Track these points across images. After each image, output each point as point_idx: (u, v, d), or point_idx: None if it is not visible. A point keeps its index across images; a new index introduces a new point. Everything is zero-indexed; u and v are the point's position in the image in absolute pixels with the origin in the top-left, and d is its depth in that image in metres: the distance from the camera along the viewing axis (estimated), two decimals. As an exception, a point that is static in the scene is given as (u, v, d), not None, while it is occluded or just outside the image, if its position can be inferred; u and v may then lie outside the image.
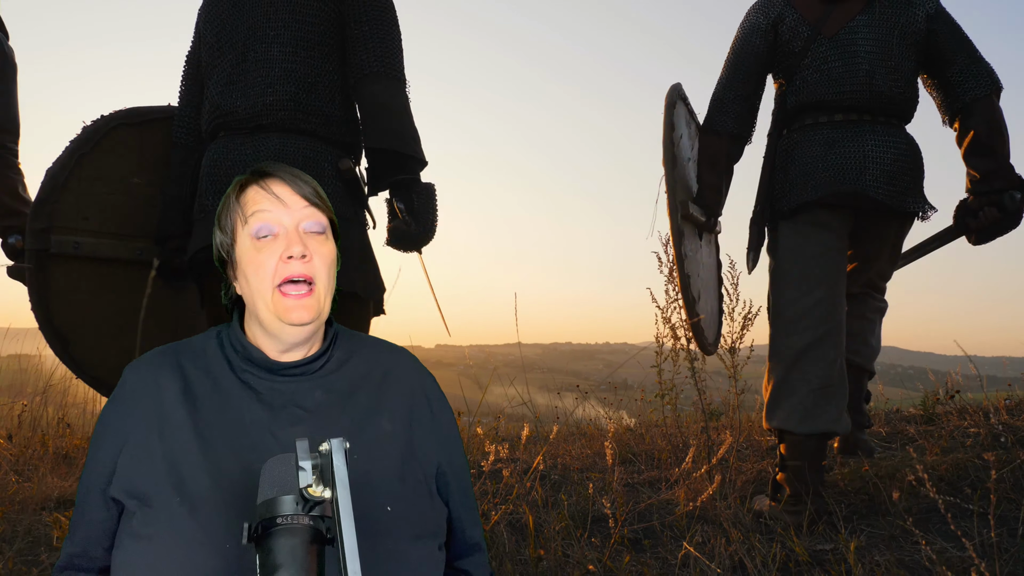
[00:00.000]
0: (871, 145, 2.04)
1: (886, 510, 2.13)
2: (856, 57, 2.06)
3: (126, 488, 0.83)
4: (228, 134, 1.76)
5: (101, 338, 2.00)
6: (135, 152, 2.04)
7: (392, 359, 1.00)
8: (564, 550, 1.91)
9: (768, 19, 2.17)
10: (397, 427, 0.93)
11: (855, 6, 2.08)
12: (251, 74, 1.74)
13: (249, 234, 0.88)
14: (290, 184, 0.90)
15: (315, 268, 0.88)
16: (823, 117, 2.10)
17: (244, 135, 1.74)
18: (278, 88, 1.72)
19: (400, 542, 0.84)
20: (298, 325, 0.87)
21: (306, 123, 1.74)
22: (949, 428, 2.91)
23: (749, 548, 1.88)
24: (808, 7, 2.11)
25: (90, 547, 0.86)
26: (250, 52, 1.74)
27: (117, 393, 0.91)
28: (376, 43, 1.76)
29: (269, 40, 1.74)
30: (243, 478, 0.81)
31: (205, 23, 1.87)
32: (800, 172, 2.10)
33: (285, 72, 1.73)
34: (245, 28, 1.76)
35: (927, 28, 2.08)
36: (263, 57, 1.73)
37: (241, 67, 1.75)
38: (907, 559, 1.82)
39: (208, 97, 1.81)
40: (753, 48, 2.18)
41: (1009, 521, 1.97)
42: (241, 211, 0.90)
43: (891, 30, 2.06)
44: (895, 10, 2.08)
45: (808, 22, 2.11)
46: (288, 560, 0.60)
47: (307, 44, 1.75)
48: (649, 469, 2.67)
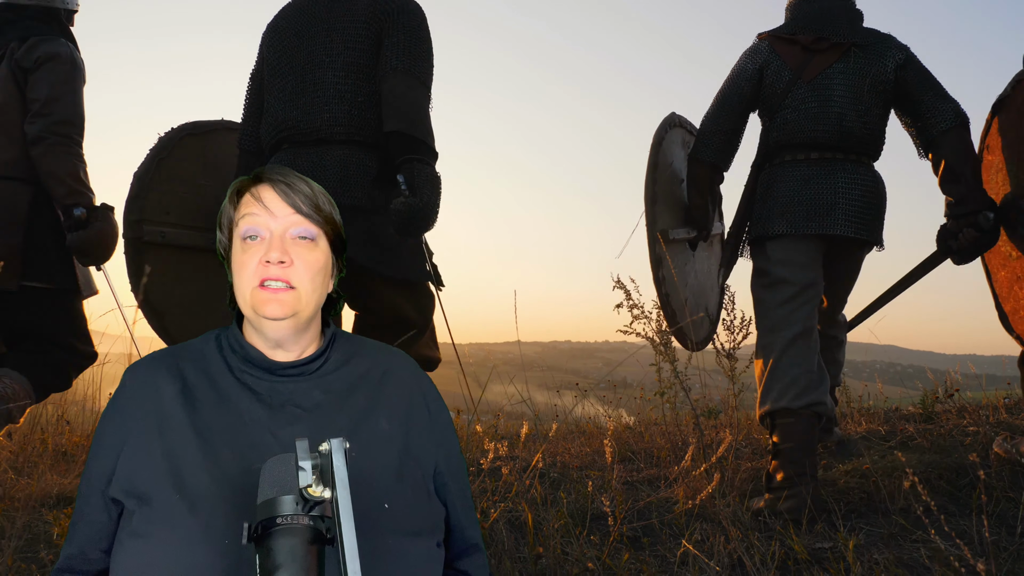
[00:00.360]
0: (842, 183, 2.28)
1: (885, 508, 2.13)
2: (830, 100, 2.29)
3: (126, 488, 0.83)
4: (292, 146, 2.03)
5: (191, 316, 2.34)
6: (200, 158, 2.42)
7: (390, 361, 1.01)
8: (563, 548, 1.91)
9: (756, 64, 2.40)
10: (395, 427, 0.94)
11: (832, 56, 2.32)
12: (309, 94, 2.00)
13: (239, 235, 0.91)
14: (281, 193, 0.91)
15: (295, 273, 0.89)
16: (800, 155, 2.33)
17: (309, 147, 2.00)
18: (333, 107, 1.98)
19: (398, 539, 0.85)
20: (271, 319, 0.88)
21: (360, 135, 2.00)
22: (948, 427, 2.91)
23: (748, 546, 1.88)
24: (791, 55, 2.36)
25: (88, 549, 0.86)
26: (308, 75, 2.02)
27: (117, 395, 0.91)
28: (404, 48, 1.99)
29: (325, 66, 2.01)
30: (242, 477, 0.82)
31: (269, 47, 2.16)
32: (778, 206, 2.32)
33: (339, 93, 1.99)
34: (305, 55, 2.04)
35: (896, 77, 2.31)
36: (320, 80, 2.00)
37: (300, 88, 2.02)
38: (906, 557, 1.82)
39: (270, 112, 2.09)
40: (739, 90, 2.41)
41: (1008, 519, 1.98)
42: (235, 213, 0.92)
43: (863, 78, 2.30)
44: (868, 61, 2.31)
45: (790, 68, 2.34)
46: (288, 560, 0.60)
47: (356, 68, 2.01)
48: (648, 467, 2.67)
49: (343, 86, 1.99)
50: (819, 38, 2.33)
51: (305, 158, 1.98)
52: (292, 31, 2.09)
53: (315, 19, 2.07)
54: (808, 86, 2.30)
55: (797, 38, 2.36)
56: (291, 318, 0.89)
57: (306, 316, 0.92)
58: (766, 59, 2.39)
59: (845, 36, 2.33)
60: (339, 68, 2.00)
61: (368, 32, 2.01)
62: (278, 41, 2.12)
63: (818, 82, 2.30)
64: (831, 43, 2.33)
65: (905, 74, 2.31)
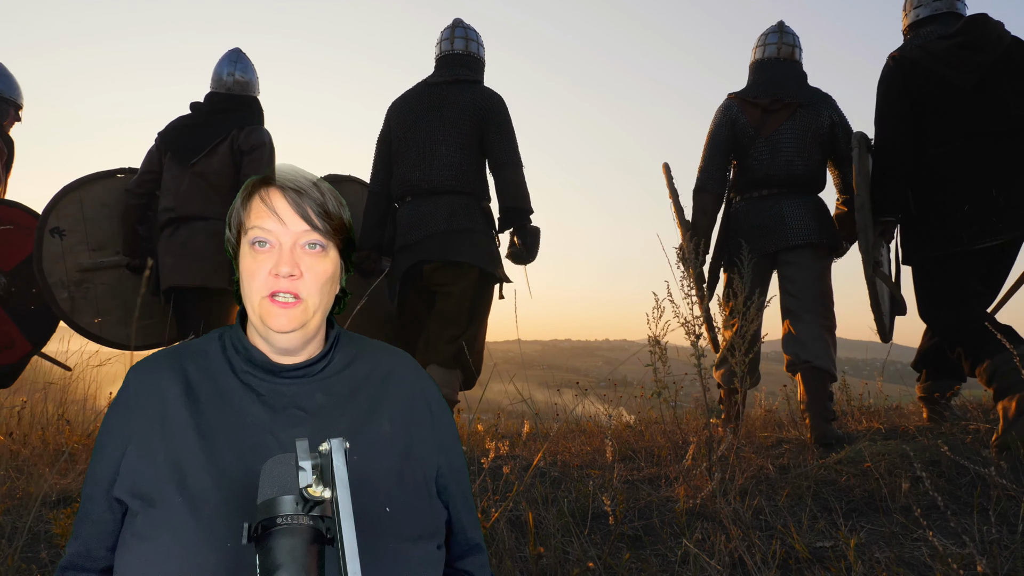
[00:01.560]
0: (787, 209, 3.03)
1: (886, 507, 2.13)
2: (781, 150, 3.04)
3: (129, 488, 0.84)
4: (415, 196, 2.95)
5: None
6: None
7: (392, 362, 1.01)
8: (564, 547, 1.91)
9: (728, 119, 3.16)
10: (396, 429, 0.94)
11: (783, 116, 3.06)
12: (427, 163, 2.92)
13: (248, 241, 0.90)
14: (292, 202, 0.89)
15: (304, 285, 0.88)
16: (757, 192, 3.10)
17: (426, 196, 2.92)
18: (444, 172, 2.91)
19: (399, 542, 0.85)
20: (279, 332, 0.88)
21: (460, 188, 2.92)
22: (949, 424, 2.91)
23: (749, 545, 1.88)
24: (752, 115, 3.10)
25: (93, 547, 0.86)
26: (427, 149, 2.93)
27: (120, 396, 0.91)
28: (503, 143, 2.94)
29: (438, 143, 2.93)
30: (245, 478, 0.82)
31: (396, 123, 3.05)
32: (745, 236, 3.07)
33: (448, 162, 2.91)
34: (424, 133, 2.95)
35: (831, 133, 3.08)
36: (435, 152, 2.92)
37: (421, 157, 2.94)
38: (907, 556, 1.82)
39: (399, 173, 3.00)
40: (722, 138, 3.17)
41: (1008, 518, 1.98)
42: (246, 218, 0.91)
43: (806, 132, 3.04)
44: (810, 118, 3.05)
45: (752, 126, 3.09)
46: (288, 560, 0.60)
47: (459, 144, 2.93)
48: (649, 466, 2.67)
49: (451, 157, 2.91)
50: (774, 99, 3.07)
51: (426, 203, 2.91)
52: (413, 114, 3.00)
53: (430, 107, 2.97)
54: (765, 140, 3.05)
55: (757, 101, 3.09)
56: (299, 330, 0.89)
57: (314, 326, 0.92)
58: (735, 116, 3.14)
59: (793, 97, 3.07)
60: (449, 144, 2.91)
61: (470, 119, 2.93)
62: (402, 120, 3.02)
63: (772, 137, 3.05)
64: (783, 103, 3.06)
65: (837, 131, 3.07)
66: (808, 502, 2.20)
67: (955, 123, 2.65)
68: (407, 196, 2.94)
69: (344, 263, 0.97)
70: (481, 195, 2.98)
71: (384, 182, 3.06)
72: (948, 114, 2.66)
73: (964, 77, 2.62)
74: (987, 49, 2.63)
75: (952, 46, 2.67)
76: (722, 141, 3.14)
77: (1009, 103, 2.59)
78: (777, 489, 2.33)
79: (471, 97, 2.94)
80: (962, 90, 2.63)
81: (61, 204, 3.05)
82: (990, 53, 2.63)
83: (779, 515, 2.13)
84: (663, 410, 3.28)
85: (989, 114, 2.60)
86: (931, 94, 2.68)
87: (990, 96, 2.61)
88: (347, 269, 0.99)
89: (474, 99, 2.94)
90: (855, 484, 2.30)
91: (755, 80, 3.19)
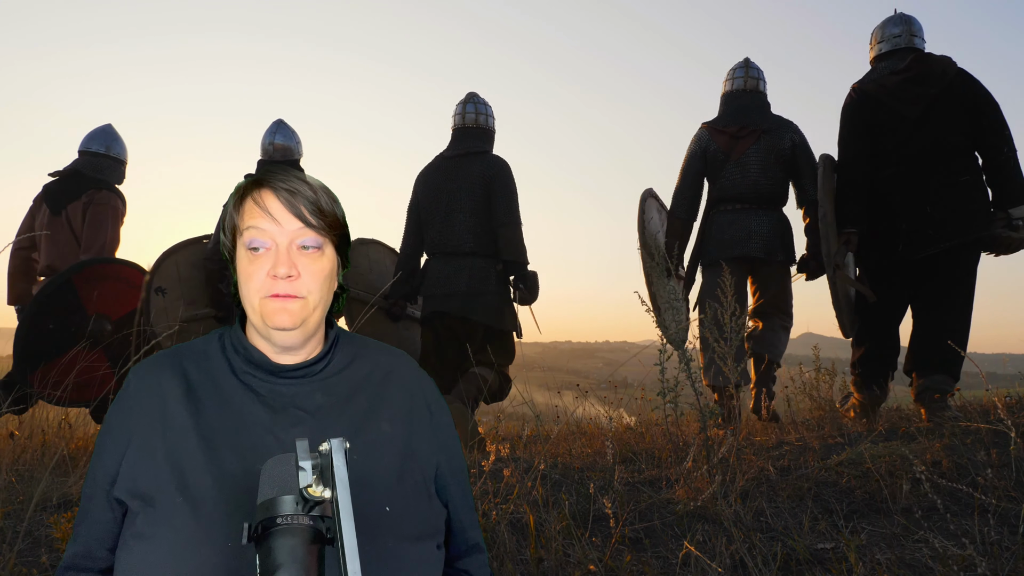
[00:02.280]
0: (754, 223, 3.49)
1: (887, 508, 2.13)
2: (749, 171, 3.53)
3: (130, 489, 0.84)
4: (441, 256, 3.54)
5: None
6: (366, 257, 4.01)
7: (391, 362, 1.01)
8: (565, 550, 1.91)
9: (701, 148, 3.67)
10: (396, 429, 0.94)
11: (749, 141, 3.54)
12: (449, 228, 3.52)
13: (243, 244, 0.90)
14: (285, 202, 0.89)
15: (303, 285, 0.89)
16: (728, 206, 3.57)
17: (451, 256, 3.52)
18: (465, 236, 3.49)
19: (399, 542, 0.85)
20: (281, 329, 0.88)
21: (479, 250, 3.50)
22: (949, 426, 2.90)
23: (750, 547, 1.88)
24: (722, 141, 3.59)
25: (93, 547, 0.86)
26: (449, 217, 3.51)
27: (121, 396, 0.91)
28: (505, 205, 3.47)
29: (458, 211, 3.51)
30: (245, 479, 0.82)
31: (422, 194, 3.62)
32: (715, 242, 3.55)
33: (466, 227, 3.49)
34: (445, 203, 3.53)
35: (791, 153, 3.54)
36: (455, 220, 3.50)
37: (444, 223, 3.53)
38: (908, 557, 1.82)
39: (428, 234, 3.58)
40: (695, 166, 3.68)
41: (1009, 519, 1.97)
42: (240, 221, 0.91)
43: (770, 154, 3.53)
44: (773, 141, 3.54)
45: (722, 150, 3.58)
46: (288, 560, 0.60)
47: (474, 210, 3.49)
48: (650, 468, 2.66)
49: (468, 222, 3.48)
50: (741, 127, 3.57)
51: (452, 262, 3.50)
52: (435, 186, 3.57)
53: (447, 178, 3.55)
54: (734, 163, 3.55)
55: (726, 130, 3.60)
56: (300, 327, 0.89)
57: (314, 323, 0.92)
58: (707, 144, 3.64)
59: (758, 124, 3.57)
60: (465, 211, 3.49)
61: (481, 187, 3.49)
62: (427, 191, 3.60)
63: (741, 159, 3.54)
64: (749, 130, 3.55)
65: (797, 151, 3.54)
66: (809, 504, 2.20)
67: (901, 148, 3.03)
68: (435, 254, 3.57)
69: (340, 259, 0.97)
70: (494, 255, 3.53)
71: (415, 245, 3.64)
72: (895, 140, 3.05)
73: (909, 108, 3.03)
74: (931, 83, 3.02)
75: (901, 81, 3.08)
76: (694, 171, 3.67)
77: (948, 131, 2.98)
78: (778, 491, 2.32)
79: (480, 168, 3.51)
80: (908, 119, 3.02)
81: (162, 267, 3.60)
82: (933, 87, 3.01)
83: (780, 517, 2.12)
84: (665, 411, 3.28)
85: (930, 140, 2.99)
86: (882, 122, 3.08)
87: (932, 125, 2.99)
88: (343, 265, 0.98)
89: (483, 169, 3.51)
90: (856, 485, 2.30)
91: (724, 110, 3.74)
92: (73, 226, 3.45)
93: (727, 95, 3.74)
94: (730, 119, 3.64)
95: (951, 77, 3.00)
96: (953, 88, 2.99)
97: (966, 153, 2.98)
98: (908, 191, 3.00)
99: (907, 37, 3.19)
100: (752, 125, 3.56)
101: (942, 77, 3.01)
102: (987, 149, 2.97)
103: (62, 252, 3.43)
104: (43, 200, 3.58)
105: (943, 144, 2.96)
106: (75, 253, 3.37)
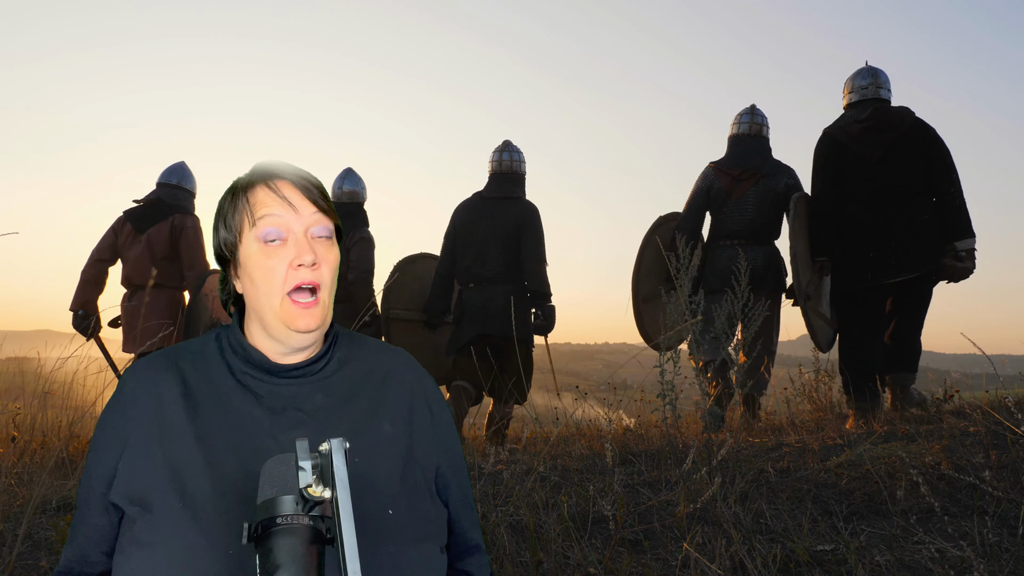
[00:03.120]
0: (750, 256, 3.73)
1: (887, 510, 2.13)
2: (746, 210, 3.92)
3: (126, 493, 0.82)
4: (476, 284, 3.92)
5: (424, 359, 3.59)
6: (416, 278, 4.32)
7: (391, 360, 1.00)
8: (564, 552, 1.91)
9: (707, 185, 4.06)
10: (397, 429, 0.93)
11: (749, 183, 3.93)
12: (484, 260, 3.92)
13: (257, 237, 0.87)
14: (300, 188, 0.88)
15: (322, 275, 0.88)
16: (727, 241, 3.97)
17: (486, 284, 3.90)
18: (497, 268, 3.89)
19: (401, 545, 0.84)
20: (303, 332, 0.87)
21: (508, 279, 3.89)
22: (948, 427, 2.91)
23: (750, 549, 1.88)
24: (725, 181, 3.98)
25: (89, 552, 0.85)
26: (483, 250, 3.92)
27: (116, 397, 0.90)
28: (532, 245, 3.89)
29: (491, 245, 3.90)
30: (244, 482, 0.80)
31: (460, 227, 4.02)
32: (714, 272, 3.95)
33: (499, 260, 3.90)
34: (480, 238, 3.94)
35: (786, 195, 3.87)
36: (489, 253, 3.91)
37: (480, 255, 3.92)
38: (908, 559, 1.82)
39: (463, 265, 3.96)
40: (700, 201, 4.08)
41: (1009, 521, 1.97)
42: (250, 212, 0.88)
43: (766, 196, 3.90)
44: (770, 185, 3.91)
45: (724, 190, 3.97)
46: (288, 560, 0.60)
47: (507, 246, 3.90)
48: (649, 470, 2.66)
49: (501, 256, 3.89)
50: (743, 170, 3.95)
51: (487, 290, 3.89)
52: (472, 222, 3.98)
53: (484, 217, 3.97)
54: (734, 201, 3.94)
55: (730, 171, 3.98)
56: (319, 328, 0.88)
57: (329, 318, 0.91)
58: (712, 182, 4.03)
59: (758, 168, 3.94)
60: (498, 247, 3.89)
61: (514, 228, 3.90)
62: (465, 225, 4.00)
63: (740, 199, 3.93)
64: (749, 173, 3.93)
65: (790, 192, 3.86)
66: (809, 505, 2.20)
67: (864, 187, 3.49)
68: (471, 283, 3.97)
69: None
70: (521, 283, 3.96)
71: (449, 267, 4.09)
72: (859, 180, 3.50)
73: (870, 152, 3.48)
74: (889, 131, 3.47)
75: (862, 129, 3.52)
76: (699, 204, 4.08)
77: (904, 173, 3.43)
78: (778, 492, 2.32)
79: (514, 212, 3.97)
80: (869, 162, 3.47)
81: None
82: (891, 134, 3.46)
83: (780, 518, 2.12)
84: (664, 413, 3.28)
85: (889, 181, 3.44)
86: (848, 164, 3.54)
87: (891, 167, 3.45)
88: None
89: (516, 214, 3.96)
90: (856, 487, 2.30)
91: (730, 153, 4.11)
92: (152, 245, 4.03)
93: (733, 138, 4.10)
94: (733, 162, 4.02)
95: (907, 126, 3.47)
96: (909, 136, 3.45)
97: (922, 193, 3.44)
98: (873, 225, 3.46)
99: (873, 89, 3.65)
100: (753, 168, 3.94)
101: (899, 126, 3.47)
102: (936, 190, 3.43)
103: (139, 266, 4.01)
104: (126, 221, 4.16)
105: (901, 184, 3.43)
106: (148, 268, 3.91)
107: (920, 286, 3.48)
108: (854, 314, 3.58)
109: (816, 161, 3.67)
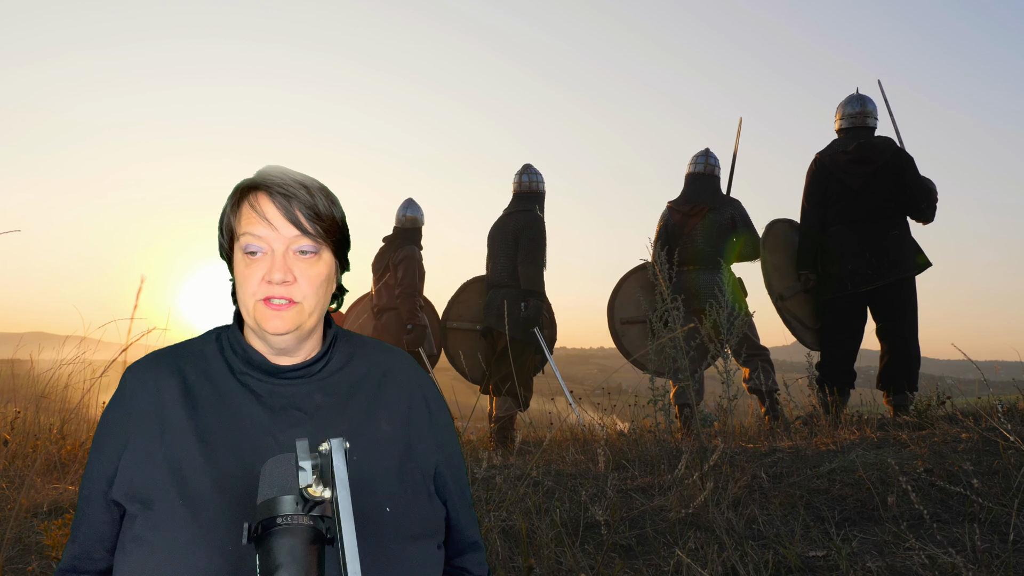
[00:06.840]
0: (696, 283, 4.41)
1: (878, 516, 2.14)
2: (695, 240, 4.48)
3: (127, 491, 0.83)
4: (492, 288, 4.62)
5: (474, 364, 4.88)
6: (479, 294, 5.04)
7: (390, 360, 1.01)
8: (557, 557, 1.91)
9: (664, 222, 4.64)
10: (396, 428, 0.94)
11: (698, 217, 4.51)
12: (493, 267, 4.65)
13: (239, 247, 0.90)
14: (280, 207, 0.88)
15: (298, 289, 0.88)
16: (682, 268, 4.46)
17: (497, 287, 4.58)
18: (503, 273, 4.55)
19: (399, 543, 0.85)
20: (274, 335, 0.88)
21: (509, 283, 4.53)
22: (941, 434, 2.92)
23: (742, 555, 1.89)
24: (679, 218, 4.57)
25: (92, 548, 0.86)
26: (493, 261, 4.66)
27: (117, 395, 0.90)
28: (528, 250, 4.47)
29: (499, 255, 4.60)
30: (244, 480, 0.81)
31: (488, 242, 4.74)
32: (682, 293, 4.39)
33: (504, 267, 4.56)
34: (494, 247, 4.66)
35: (731, 225, 4.49)
36: (498, 264, 4.61)
37: (493, 265, 4.65)
38: (899, 565, 1.83)
39: (490, 273, 4.70)
40: (662, 237, 4.61)
41: (1000, 527, 1.99)
42: (235, 226, 0.90)
43: (713, 228, 4.47)
44: (716, 218, 4.48)
45: (677, 225, 4.57)
46: (288, 560, 0.60)
47: (509, 255, 4.52)
48: (642, 475, 2.67)
49: (505, 263, 4.56)
50: (693, 206, 4.54)
51: (500, 295, 4.52)
52: (491, 236, 4.74)
53: (499, 230, 4.68)
54: (686, 235, 4.52)
55: (681, 208, 4.60)
56: (294, 332, 0.89)
57: (309, 326, 0.91)
58: (668, 219, 4.63)
59: (706, 203, 4.53)
60: (505, 258, 4.56)
61: (514, 237, 4.54)
62: (488, 240, 4.75)
63: (691, 233, 4.50)
64: (698, 209, 4.51)
65: (735, 222, 4.49)
66: (801, 511, 2.21)
67: (847, 211, 3.99)
68: (491, 287, 4.68)
69: (339, 262, 0.96)
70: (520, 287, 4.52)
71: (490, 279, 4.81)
72: (842, 204, 4.00)
73: (853, 180, 3.96)
74: (870, 161, 3.94)
75: (846, 160, 4.01)
76: (662, 239, 4.66)
77: (883, 198, 3.91)
78: (770, 498, 2.33)
79: (516, 222, 4.59)
80: (852, 189, 3.96)
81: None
82: (873, 164, 3.93)
83: (772, 524, 2.13)
84: (656, 418, 3.29)
85: (869, 206, 3.93)
86: (833, 190, 4.04)
87: (871, 194, 3.93)
88: (343, 267, 0.97)
89: (519, 224, 4.56)
90: (848, 493, 2.31)
91: (684, 191, 4.70)
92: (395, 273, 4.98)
93: (688, 176, 4.69)
94: (685, 200, 4.65)
95: (888, 156, 3.92)
96: (888, 165, 3.92)
97: (896, 213, 3.94)
98: (852, 243, 3.95)
99: (861, 118, 4.08)
100: (701, 203, 4.55)
101: (880, 156, 3.93)
102: (910, 206, 3.92)
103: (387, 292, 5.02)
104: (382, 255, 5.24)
105: (877, 207, 3.93)
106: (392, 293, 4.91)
107: (899, 292, 3.89)
108: (834, 320, 4.06)
109: (807, 185, 4.19)
